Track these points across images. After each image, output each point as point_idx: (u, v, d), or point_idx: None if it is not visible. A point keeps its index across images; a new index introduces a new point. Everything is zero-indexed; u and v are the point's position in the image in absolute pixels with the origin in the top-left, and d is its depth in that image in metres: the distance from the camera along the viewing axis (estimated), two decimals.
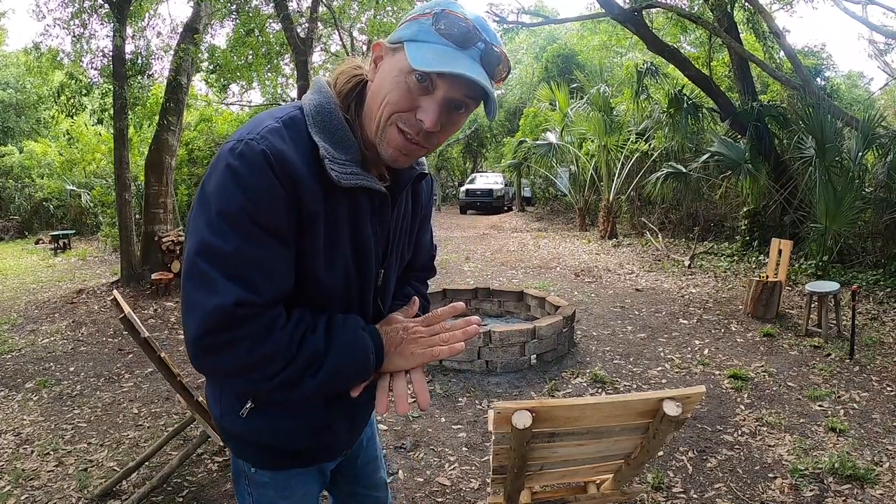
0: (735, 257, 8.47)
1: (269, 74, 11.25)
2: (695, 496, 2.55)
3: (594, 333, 5.00)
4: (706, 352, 4.51)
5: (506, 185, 19.82)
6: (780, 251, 5.57)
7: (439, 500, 2.57)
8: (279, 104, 14.17)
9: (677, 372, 4.10)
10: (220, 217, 0.85)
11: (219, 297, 0.83)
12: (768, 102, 9.45)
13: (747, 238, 8.77)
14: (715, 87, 9.02)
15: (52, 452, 3.06)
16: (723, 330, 5.08)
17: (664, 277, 7.49)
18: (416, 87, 0.88)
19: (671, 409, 1.60)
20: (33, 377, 4.24)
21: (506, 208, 19.65)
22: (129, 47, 7.66)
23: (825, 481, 2.62)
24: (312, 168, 0.90)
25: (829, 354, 4.35)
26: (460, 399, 3.64)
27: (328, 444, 1.13)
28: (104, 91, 8.18)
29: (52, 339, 5.27)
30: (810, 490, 2.56)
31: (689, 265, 8.07)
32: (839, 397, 3.57)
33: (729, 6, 8.76)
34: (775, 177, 8.28)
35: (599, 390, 3.77)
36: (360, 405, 1.12)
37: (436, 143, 0.95)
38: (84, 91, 8.10)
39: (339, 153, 0.92)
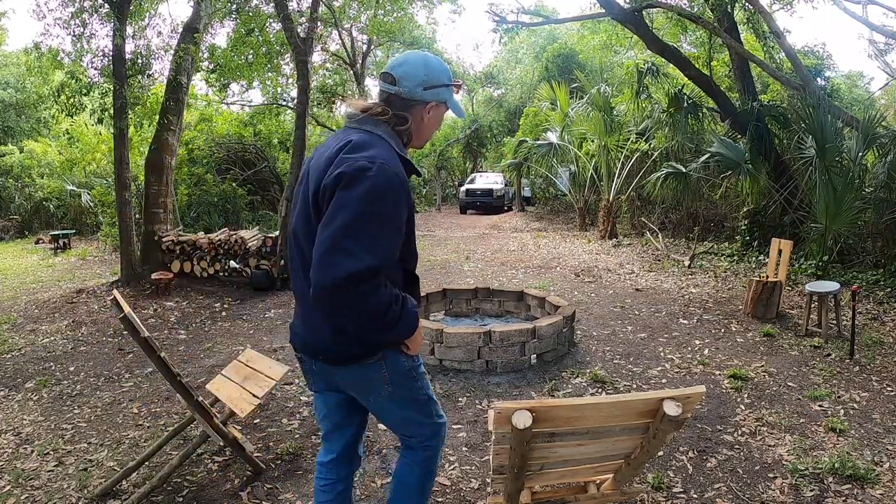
0: (735, 257, 8.47)
1: (270, 74, 11.25)
2: (695, 496, 2.55)
3: (594, 333, 5.00)
4: (706, 352, 4.51)
5: (506, 184, 19.80)
6: (780, 251, 5.56)
7: (439, 500, 2.57)
8: (279, 104, 14.02)
9: (677, 372, 4.10)
10: (371, 212, 1.41)
11: (358, 262, 1.38)
12: (768, 102, 9.44)
13: (747, 238, 8.77)
14: (715, 87, 9.02)
15: (52, 452, 3.06)
16: (723, 330, 5.08)
17: (664, 277, 7.49)
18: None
19: (671, 409, 1.60)
20: (33, 377, 4.24)
21: (506, 208, 19.64)
22: (129, 47, 7.64)
23: (825, 481, 2.62)
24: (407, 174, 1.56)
25: (829, 354, 4.35)
26: (460, 399, 3.64)
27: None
28: (104, 91, 8.15)
29: (52, 338, 5.27)
30: (810, 490, 2.56)
31: (689, 265, 8.07)
32: (839, 397, 3.57)
33: (729, 6, 8.74)
34: (775, 177, 8.28)
35: (599, 390, 3.77)
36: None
37: None
38: (84, 91, 8.06)
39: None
